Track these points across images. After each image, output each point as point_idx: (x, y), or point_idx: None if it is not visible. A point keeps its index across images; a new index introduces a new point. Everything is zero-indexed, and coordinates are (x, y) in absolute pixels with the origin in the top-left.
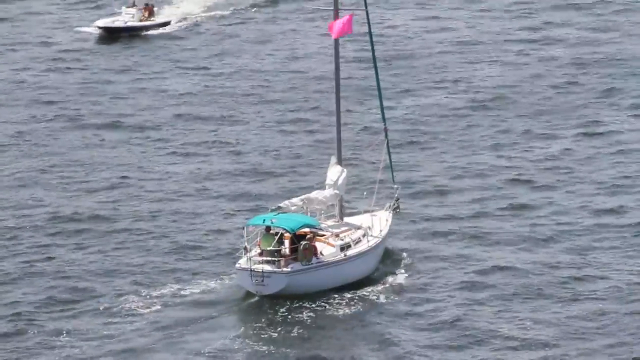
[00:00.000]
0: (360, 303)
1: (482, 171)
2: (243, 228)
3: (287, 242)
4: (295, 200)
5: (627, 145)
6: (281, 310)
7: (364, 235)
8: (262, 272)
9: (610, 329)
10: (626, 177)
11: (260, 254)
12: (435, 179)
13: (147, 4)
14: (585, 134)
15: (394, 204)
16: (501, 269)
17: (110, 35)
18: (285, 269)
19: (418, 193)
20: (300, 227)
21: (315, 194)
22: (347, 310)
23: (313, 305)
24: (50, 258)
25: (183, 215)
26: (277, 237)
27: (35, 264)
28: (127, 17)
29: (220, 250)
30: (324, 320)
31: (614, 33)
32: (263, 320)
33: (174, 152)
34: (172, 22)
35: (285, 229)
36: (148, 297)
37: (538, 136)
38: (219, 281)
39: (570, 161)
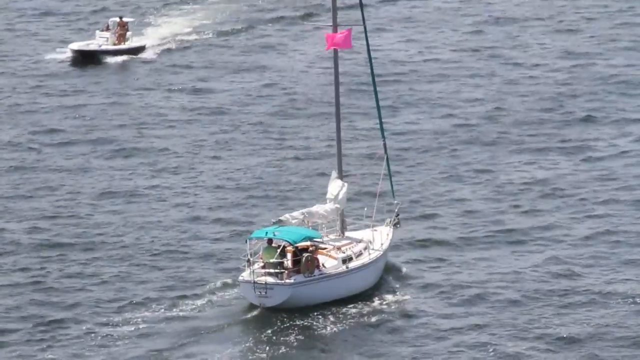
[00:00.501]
0: (360, 317)
1: (479, 189)
2: (245, 241)
3: (289, 255)
4: (296, 213)
5: (616, 167)
6: (276, 325)
7: (365, 249)
8: (265, 284)
9: (602, 354)
10: (615, 200)
11: (263, 267)
12: (430, 196)
13: (120, 17)
14: (574, 156)
15: (394, 219)
16: (500, 285)
17: (84, 58)
18: (288, 281)
19: (417, 209)
20: (302, 239)
21: (316, 208)
22: (347, 324)
23: (312, 319)
24: (39, 278)
25: (175, 232)
26: (279, 250)
27: (21, 284)
28: (101, 41)
29: (216, 265)
30: (323, 334)
31: (600, 53)
32: (258, 336)
33: (165, 170)
34: (146, 46)
35: (287, 241)
36: (141, 314)
37: (528, 157)
38: (214, 296)
39: (562, 183)
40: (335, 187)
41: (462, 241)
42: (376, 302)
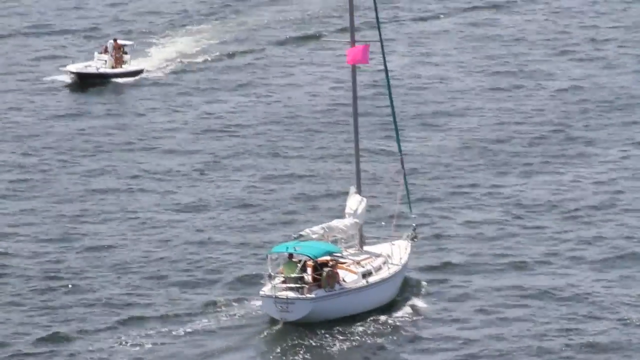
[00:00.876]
0: (380, 331)
1: (487, 209)
2: (266, 256)
3: (309, 269)
4: (316, 228)
5: (625, 187)
6: (285, 344)
7: (384, 263)
8: (287, 298)
9: None
10: (625, 223)
11: (284, 281)
12: (440, 215)
13: (115, 40)
14: (582, 177)
15: (411, 233)
16: (519, 300)
17: (82, 81)
18: (309, 296)
19: (428, 227)
20: (323, 254)
21: (335, 223)
22: (367, 339)
23: (321, 337)
24: (46, 297)
25: (183, 251)
26: (300, 265)
27: (28, 303)
28: (99, 63)
29: (224, 284)
30: (344, 349)
31: (606, 73)
32: (268, 355)
33: (172, 190)
34: (144, 70)
35: (308, 256)
36: (147, 332)
37: (537, 177)
38: (223, 315)
39: (570, 204)
40: (354, 202)
41: (474, 259)
42: (392, 318)
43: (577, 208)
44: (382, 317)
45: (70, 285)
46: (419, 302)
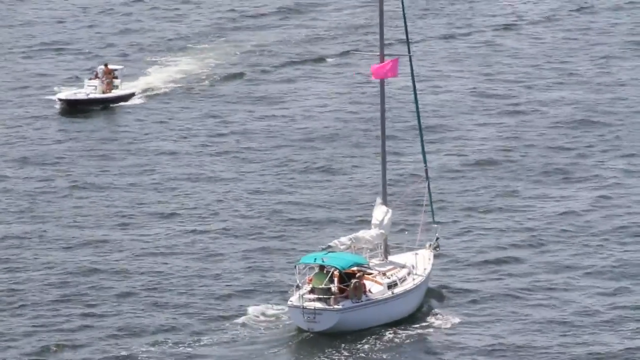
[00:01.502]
0: (406, 341)
1: (506, 224)
2: (294, 267)
3: (336, 280)
4: (344, 239)
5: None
6: (320, 351)
7: (409, 274)
8: (314, 309)
9: None
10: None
11: (311, 292)
12: (458, 228)
13: (106, 64)
14: (591, 190)
15: (434, 243)
16: (541, 309)
17: (72, 107)
18: (336, 306)
19: (458, 232)
20: (350, 265)
21: (362, 234)
22: (390, 352)
23: (356, 345)
24: (70, 309)
25: (195, 266)
26: (328, 276)
27: (47, 323)
28: (89, 89)
29: (237, 298)
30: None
31: (616, 91)
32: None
33: (179, 210)
34: (136, 94)
35: (336, 267)
36: (168, 345)
37: (550, 193)
38: (234, 330)
39: (579, 220)
40: (380, 213)
41: (509, 260)
42: (422, 324)
43: (591, 230)
44: (406, 328)
45: (80, 301)
46: (442, 313)
